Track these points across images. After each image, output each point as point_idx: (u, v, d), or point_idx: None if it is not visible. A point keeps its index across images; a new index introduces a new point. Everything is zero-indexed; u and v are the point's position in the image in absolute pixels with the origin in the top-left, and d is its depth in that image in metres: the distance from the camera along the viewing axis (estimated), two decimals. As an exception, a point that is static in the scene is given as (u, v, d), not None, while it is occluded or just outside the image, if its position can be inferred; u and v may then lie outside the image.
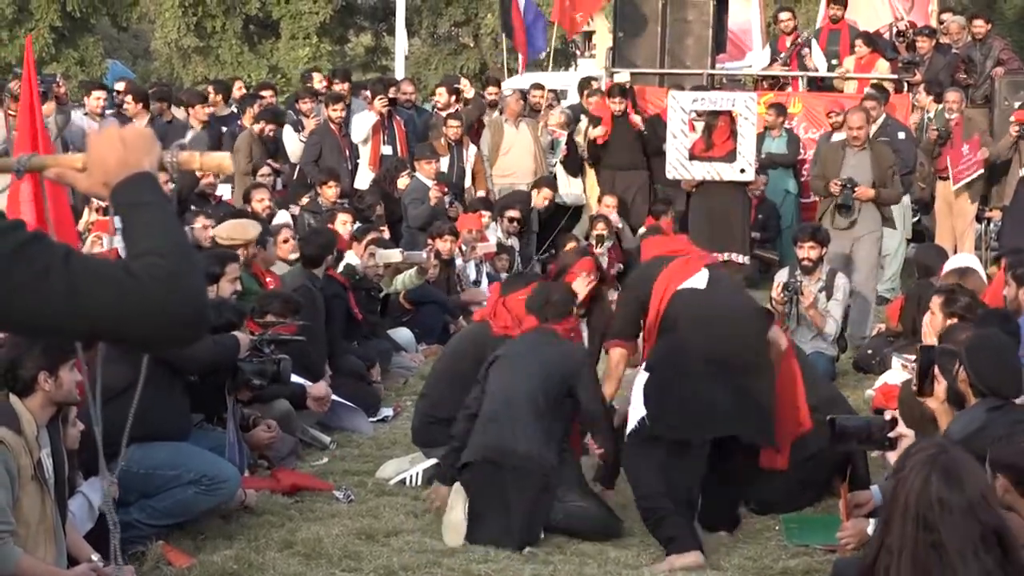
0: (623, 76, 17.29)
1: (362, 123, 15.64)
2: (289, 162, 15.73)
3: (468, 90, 17.74)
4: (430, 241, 12.88)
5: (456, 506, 7.27)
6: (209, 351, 7.38)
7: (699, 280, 7.43)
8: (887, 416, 6.79)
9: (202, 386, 7.60)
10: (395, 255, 11.71)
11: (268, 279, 10.38)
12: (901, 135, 14.87)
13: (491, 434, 7.36)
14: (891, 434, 6.41)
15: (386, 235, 12.91)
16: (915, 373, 6.65)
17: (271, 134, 15.37)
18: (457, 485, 7.36)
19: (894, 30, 18.19)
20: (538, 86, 17.71)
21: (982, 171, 15.09)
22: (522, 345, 7.71)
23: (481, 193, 15.72)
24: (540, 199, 15.34)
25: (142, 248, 2.60)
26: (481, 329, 8.65)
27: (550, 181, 15.71)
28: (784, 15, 18.52)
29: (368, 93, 16.46)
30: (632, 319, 7.68)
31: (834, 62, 17.51)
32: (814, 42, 17.73)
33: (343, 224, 12.53)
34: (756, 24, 21.31)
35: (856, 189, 12.26)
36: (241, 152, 14.91)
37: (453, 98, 17.11)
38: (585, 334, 8.76)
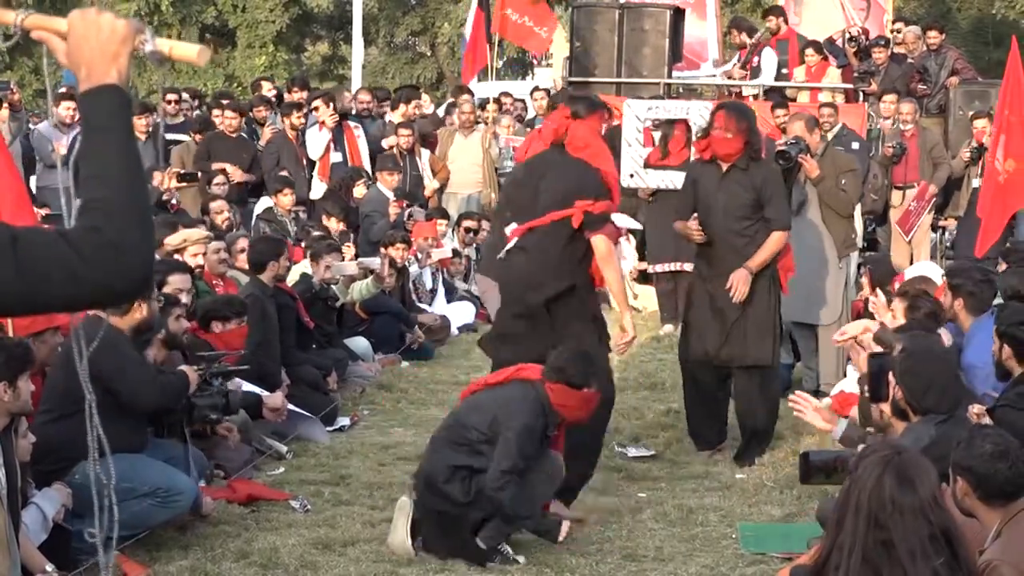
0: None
1: (316, 140, 15.65)
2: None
3: (427, 104, 17.82)
4: (383, 249, 12.85)
5: (398, 526, 7.17)
6: (156, 396, 7.31)
7: None
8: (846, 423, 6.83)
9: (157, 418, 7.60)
10: (351, 267, 11.67)
11: (215, 282, 10.38)
12: (855, 145, 14.92)
13: (427, 458, 7.28)
14: None
15: (351, 251, 12.83)
16: (866, 379, 6.68)
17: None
18: (401, 501, 7.25)
19: (846, 36, 18.26)
20: (506, 94, 17.78)
21: (934, 199, 15.23)
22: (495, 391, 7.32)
23: (436, 184, 15.90)
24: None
25: (91, 194, 2.64)
26: None
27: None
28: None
29: (319, 105, 16.44)
30: None
31: (783, 71, 17.57)
32: (767, 49, 17.78)
33: None
34: (712, 35, 21.39)
35: (805, 156, 10.50)
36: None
37: (413, 107, 17.17)
38: None
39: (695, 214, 9.08)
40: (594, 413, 7.49)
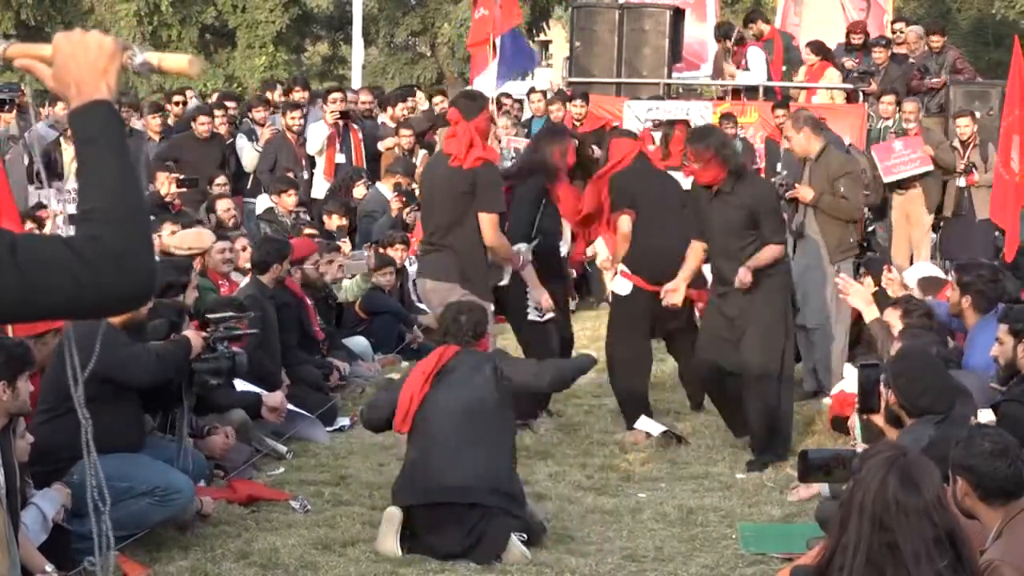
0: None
1: (316, 134, 15.63)
2: (243, 170, 15.74)
3: (422, 102, 17.78)
4: (379, 248, 12.84)
5: (387, 536, 7.13)
6: (154, 368, 7.22)
7: None
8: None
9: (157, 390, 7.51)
10: (362, 265, 11.68)
11: (221, 281, 10.35)
12: None
13: (430, 474, 7.14)
14: None
15: (347, 247, 12.84)
16: (857, 391, 6.68)
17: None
18: (389, 512, 7.20)
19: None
20: (506, 95, 17.73)
21: (929, 167, 15.00)
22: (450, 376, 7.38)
23: None
24: None
25: (90, 203, 2.63)
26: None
27: None
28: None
29: (337, 98, 16.45)
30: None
31: (784, 68, 17.57)
32: (752, 48, 17.76)
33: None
34: (712, 35, 21.37)
35: (792, 189, 10.75)
36: None
37: (402, 109, 17.16)
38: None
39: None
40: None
